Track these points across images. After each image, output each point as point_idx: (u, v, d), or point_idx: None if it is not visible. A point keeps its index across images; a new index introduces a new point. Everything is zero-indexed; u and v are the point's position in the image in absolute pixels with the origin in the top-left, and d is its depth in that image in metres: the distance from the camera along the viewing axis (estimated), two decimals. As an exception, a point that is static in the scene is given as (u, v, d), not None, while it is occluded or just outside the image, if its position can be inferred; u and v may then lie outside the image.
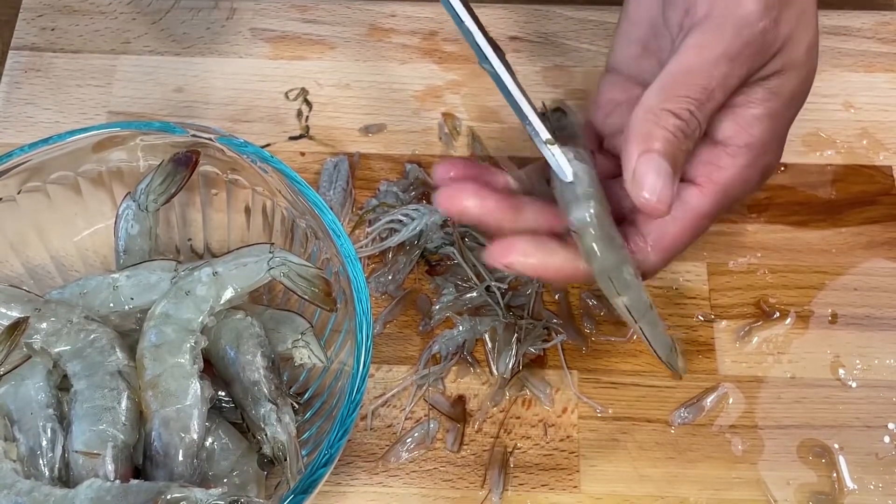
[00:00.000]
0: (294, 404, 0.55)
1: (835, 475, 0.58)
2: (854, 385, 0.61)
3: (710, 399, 0.60)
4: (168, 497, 0.45)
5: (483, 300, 0.62)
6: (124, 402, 0.51)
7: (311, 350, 0.55)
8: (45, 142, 0.55)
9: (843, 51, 0.72)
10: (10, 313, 0.53)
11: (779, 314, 0.63)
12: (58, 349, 0.52)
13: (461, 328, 0.61)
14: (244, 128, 0.68)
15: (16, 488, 0.48)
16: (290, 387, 0.57)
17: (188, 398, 0.50)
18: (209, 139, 0.56)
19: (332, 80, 0.70)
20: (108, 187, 0.58)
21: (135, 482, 0.48)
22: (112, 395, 0.51)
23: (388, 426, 0.59)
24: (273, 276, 0.53)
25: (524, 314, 0.61)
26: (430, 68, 0.71)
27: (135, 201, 0.57)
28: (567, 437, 0.59)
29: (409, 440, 0.58)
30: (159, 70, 0.70)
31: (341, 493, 0.57)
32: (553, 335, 0.61)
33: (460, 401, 0.60)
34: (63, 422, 0.52)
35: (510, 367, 0.60)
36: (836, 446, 0.59)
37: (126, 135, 0.56)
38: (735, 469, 0.58)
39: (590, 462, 0.58)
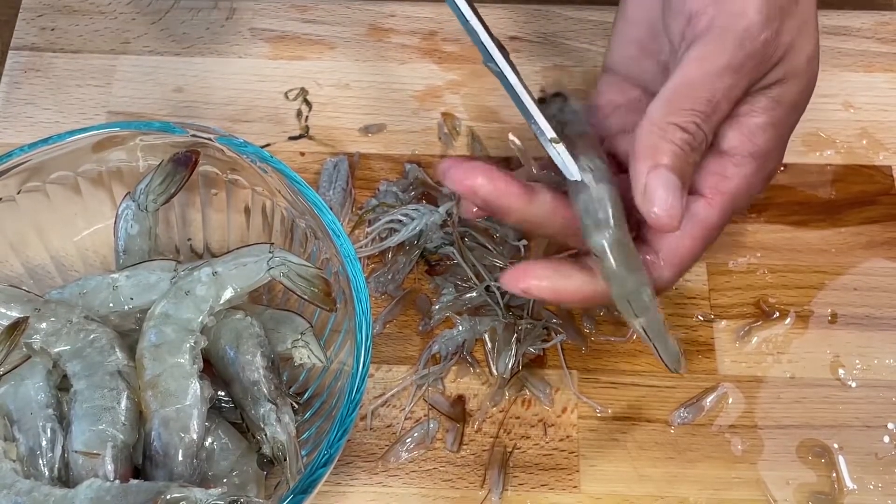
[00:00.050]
0: (294, 404, 0.55)
1: (834, 475, 0.58)
2: (854, 385, 0.61)
3: (709, 399, 0.60)
4: (168, 497, 0.45)
5: (483, 300, 0.62)
6: (124, 402, 0.51)
7: (310, 350, 0.55)
8: (45, 142, 0.55)
9: (842, 51, 0.72)
10: (9, 313, 0.53)
11: (778, 314, 0.63)
12: (57, 349, 0.52)
13: (461, 328, 0.61)
14: (244, 128, 0.68)
15: (15, 488, 0.48)
16: (289, 387, 0.57)
17: (188, 398, 0.50)
18: (209, 139, 0.56)
19: (331, 80, 0.70)
20: (107, 187, 0.58)
21: (134, 482, 0.48)
22: (112, 395, 0.51)
23: (387, 426, 0.59)
24: (273, 275, 0.53)
25: (524, 314, 0.61)
26: (429, 68, 0.71)
27: (134, 201, 0.57)
28: (567, 436, 0.59)
29: (408, 440, 0.58)
30: (159, 70, 0.70)
31: (341, 493, 0.57)
32: (553, 335, 0.61)
33: (460, 401, 0.60)
34: (63, 422, 0.52)
35: (510, 366, 0.60)
36: (835, 446, 0.59)
37: (126, 135, 0.56)
38: (735, 469, 0.58)
39: (589, 462, 0.58)
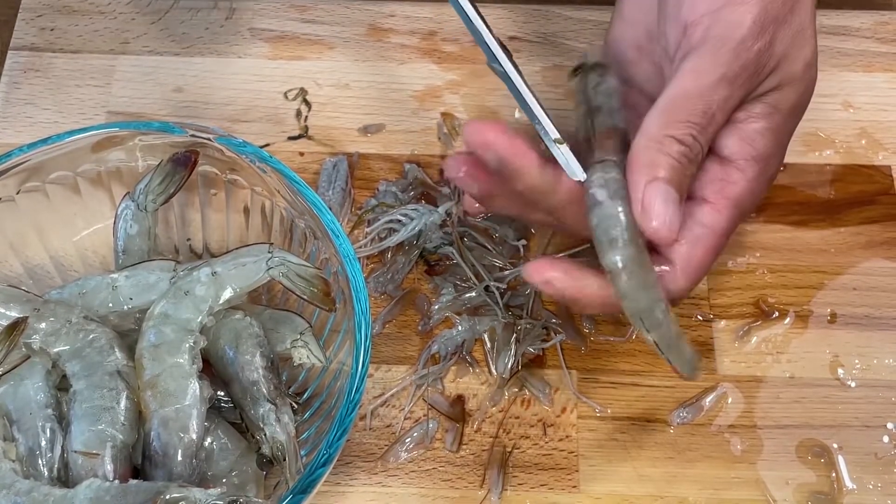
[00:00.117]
0: (293, 404, 0.55)
1: (834, 475, 0.58)
2: (853, 385, 0.61)
3: (709, 399, 0.60)
4: (167, 497, 0.45)
5: (482, 300, 0.62)
6: (123, 402, 0.51)
7: (309, 350, 0.55)
8: (45, 142, 0.55)
9: (842, 50, 0.72)
10: (9, 313, 0.53)
11: (778, 314, 0.63)
12: (57, 349, 0.52)
13: (460, 328, 0.61)
14: (243, 128, 0.68)
15: (15, 488, 0.48)
16: (288, 387, 0.57)
17: (187, 398, 0.50)
18: (208, 139, 0.56)
19: (331, 80, 0.70)
20: (107, 187, 0.58)
21: (134, 482, 0.48)
22: (111, 395, 0.51)
23: (387, 426, 0.59)
24: (272, 276, 0.53)
25: (523, 314, 0.61)
26: (429, 68, 0.71)
27: (134, 201, 0.57)
28: (566, 436, 0.59)
29: (408, 440, 0.58)
30: (158, 70, 0.70)
31: (340, 493, 0.57)
32: (552, 335, 0.61)
33: (459, 401, 0.60)
34: (62, 422, 0.52)
35: (509, 366, 0.60)
36: (835, 446, 0.59)
37: (125, 135, 0.56)
38: (734, 469, 0.58)
39: (589, 462, 0.58)
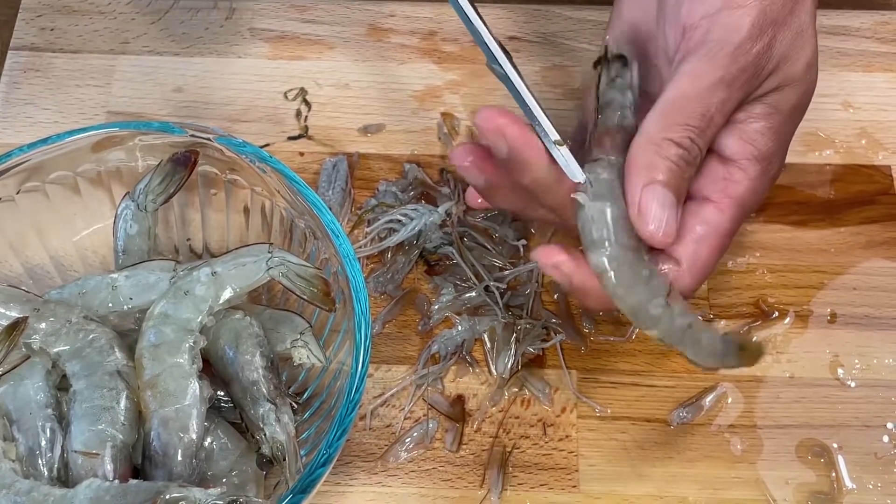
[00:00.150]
0: (293, 404, 0.55)
1: (834, 475, 0.58)
2: (853, 384, 0.61)
3: (708, 399, 0.60)
4: (167, 497, 0.45)
5: (482, 300, 0.62)
6: (123, 402, 0.51)
7: (309, 350, 0.55)
8: (44, 142, 0.55)
9: (842, 50, 0.72)
10: (9, 313, 0.53)
11: (778, 314, 0.63)
12: (57, 349, 0.52)
13: (460, 328, 0.61)
14: (243, 128, 0.68)
15: (15, 488, 0.48)
16: (288, 386, 0.57)
17: (187, 398, 0.50)
18: (208, 139, 0.56)
19: (331, 80, 0.70)
20: (106, 187, 0.58)
21: (134, 482, 0.48)
22: (111, 394, 0.51)
23: (386, 426, 0.59)
24: (272, 275, 0.53)
25: (523, 314, 0.61)
26: (429, 68, 0.71)
27: (133, 201, 0.57)
28: (566, 436, 0.59)
29: (408, 440, 0.58)
30: (158, 70, 0.70)
31: (340, 493, 0.57)
32: (552, 335, 0.61)
33: (459, 400, 0.60)
34: (62, 422, 0.52)
35: (509, 366, 0.60)
36: (834, 446, 0.59)
37: (125, 135, 0.56)
38: (734, 468, 0.58)
39: (589, 461, 0.58)
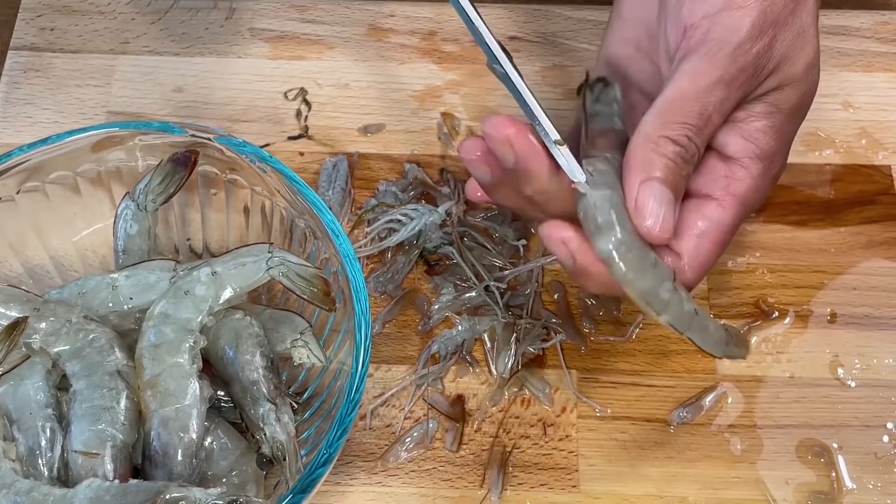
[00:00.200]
0: (293, 404, 0.55)
1: (834, 474, 0.58)
2: (853, 384, 0.61)
3: (709, 398, 0.60)
4: (167, 497, 0.45)
5: (482, 300, 0.62)
6: (123, 402, 0.51)
7: (309, 350, 0.55)
8: (44, 142, 0.55)
9: (842, 50, 0.72)
10: (9, 313, 0.53)
11: (778, 314, 0.63)
12: (57, 349, 0.52)
13: (460, 328, 0.61)
14: (243, 128, 0.68)
15: (15, 488, 0.48)
16: (288, 386, 0.57)
17: (187, 398, 0.50)
18: (208, 139, 0.56)
19: (331, 80, 0.70)
20: (106, 187, 0.58)
21: (134, 482, 0.48)
22: (111, 394, 0.51)
23: (387, 426, 0.59)
24: (272, 275, 0.53)
25: (523, 314, 0.61)
26: (429, 68, 0.71)
27: (134, 201, 0.57)
28: (566, 436, 0.59)
29: (408, 440, 0.58)
30: (158, 70, 0.70)
31: (340, 493, 0.57)
32: (552, 335, 0.61)
33: (459, 400, 0.60)
34: (62, 421, 0.52)
35: (509, 366, 0.60)
36: (834, 446, 0.59)
37: (125, 135, 0.56)
38: (734, 468, 0.58)
39: (589, 461, 0.58)
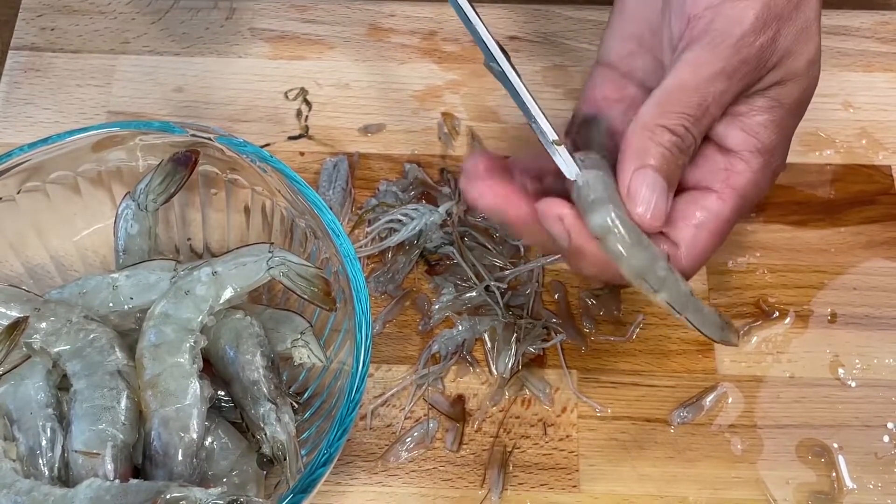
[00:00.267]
0: (293, 404, 0.55)
1: (834, 474, 0.58)
2: (853, 384, 0.61)
3: (709, 398, 0.60)
4: (167, 496, 0.45)
5: (482, 300, 0.62)
6: (124, 402, 0.51)
7: (310, 349, 0.55)
8: (45, 141, 0.55)
9: (842, 50, 0.72)
10: (9, 313, 0.53)
11: (778, 314, 0.63)
12: (57, 349, 0.52)
13: (460, 328, 0.61)
14: (243, 127, 0.68)
15: (15, 488, 0.48)
16: (289, 386, 0.57)
17: (187, 398, 0.50)
18: (208, 139, 0.56)
19: (331, 80, 0.70)
20: (107, 187, 0.58)
21: (134, 482, 0.48)
22: (111, 394, 0.51)
23: (387, 426, 0.59)
24: (272, 275, 0.53)
25: (523, 314, 0.61)
26: (429, 68, 0.71)
27: (134, 201, 0.57)
28: (566, 436, 0.59)
29: (408, 440, 0.58)
30: (159, 70, 0.70)
31: (340, 493, 0.57)
32: (552, 335, 0.61)
33: (460, 400, 0.60)
34: (62, 421, 0.52)
35: (509, 366, 0.60)
36: (835, 446, 0.59)
37: (125, 134, 0.56)
38: (734, 468, 0.58)
39: (589, 461, 0.58)
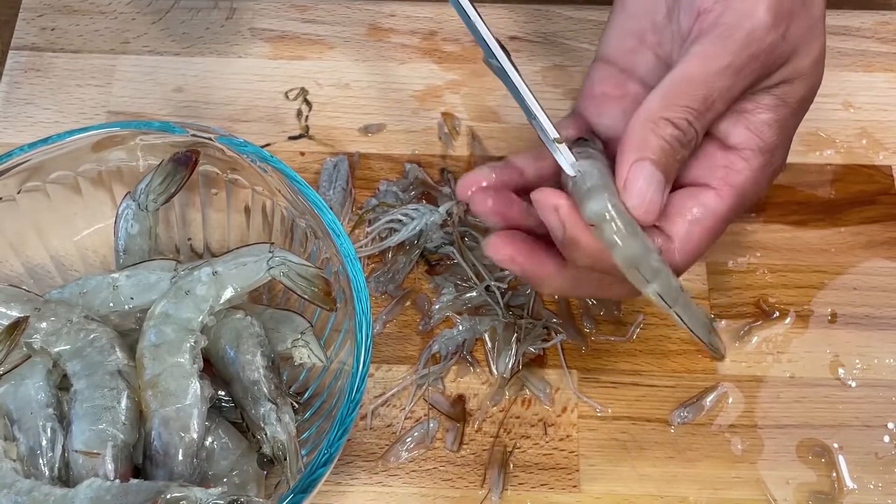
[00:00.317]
0: (294, 404, 0.55)
1: (834, 475, 0.58)
2: (853, 384, 0.61)
3: (709, 398, 0.60)
4: (168, 496, 0.45)
5: (483, 300, 0.62)
6: (124, 402, 0.51)
7: (310, 349, 0.55)
8: (45, 141, 0.55)
9: (842, 50, 0.72)
10: (9, 313, 0.53)
11: (778, 314, 0.63)
12: (57, 349, 0.52)
13: (461, 328, 0.61)
14: (244, 127, 0.68)
15: (16, 488, 0.48)
16: (289, 386, 0.57)
17: (188, 398, 0.50)
18: (209, 139, 0.56)
19: (331, 80, 0.70)
20: (107, 187, 0.58)
21: (134, 481, 0.48)
22: (112, 394, 0.51)
23: (387, 426, 0.59)
24: (273, 275, 0.53)
25: (524, 314, 0.61)
26: (429, 68, 0.71)
27: (134, 201, 0.57)
28: (567, 436, 0.59)
29: (408, 440, 0.58)
30: (159, 70, 0.70)
31: (341, 493, 0.57)
32: (553, 335, 0.61)
33: (460, 400, 0.60)
34: (63, 421, 0.52)
35: (510, 366, 0.60)
36: (835, 446, 0.59)
37: (125, 134, 0.56)
38: (734, 468, 0.58)
39: (589, 461, 0.58)
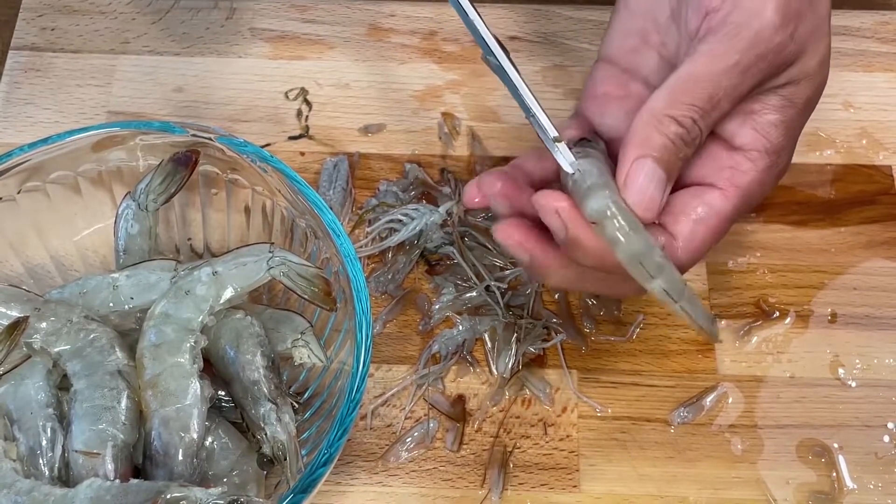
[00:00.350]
0: (294, 404, 0.55)
1: (834, 474, 0.58)
2: (853, 384, 0.61)
3: (709, 398, 0.60)
4: (168, 496, 0.45)
5: (483, 300, 0.62)
6: (124, 402, 0.51)
7: (310, 349, 0.55)
8: (45, 141, 0.55)
9: (842, 50, 0.72)
10: (9, 313, 0.53)
11: (778, 314, 0.63)
12: (57, 349, 0.52)
13: (461, 328, 0.61)
14: (244, 127, 0.68)
15: (15, 488, 0.48)
16: (289, 386, 0.57)
17: (188, 398, 0.50)
18: (209, 139, 0.56)
19: (331, 80, 0.70)
20: (107, 187, 0.58)
21: (134, 481, 0.48)
22: (112, 394, 0.51)
23: (387, 426, 0.59)
24: (273, 275, 0.53)
25: (524, 314, 0.61)
26: (429, 68, 0.71)
27: (134, 201, 0.57)
28: (567, 436, 0.59)
29: (408, 440, 0.58)
30: (159, 70, 0.70)
31: (341, 493, 0.57)
32: (553, 335, 0.61)
33: (460, 400, 0.60)
34: (63, 421, 0.52)
35: (510, 366, 0.60)
36: (835, 446, 0.59)
37: (125, 134, 0.56)
38: (734, 468, 0.58)
39: (589, 461, 0.58)
